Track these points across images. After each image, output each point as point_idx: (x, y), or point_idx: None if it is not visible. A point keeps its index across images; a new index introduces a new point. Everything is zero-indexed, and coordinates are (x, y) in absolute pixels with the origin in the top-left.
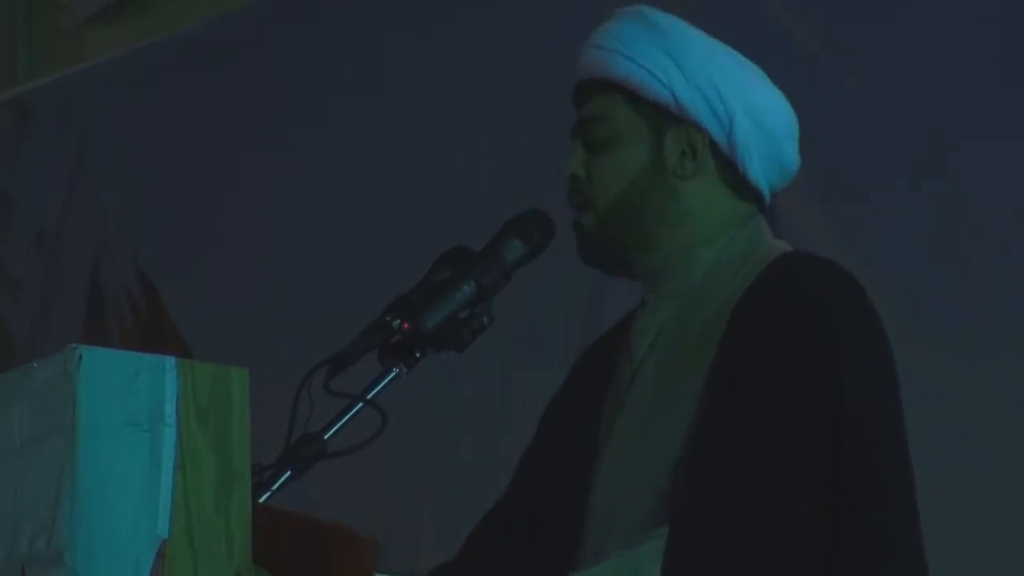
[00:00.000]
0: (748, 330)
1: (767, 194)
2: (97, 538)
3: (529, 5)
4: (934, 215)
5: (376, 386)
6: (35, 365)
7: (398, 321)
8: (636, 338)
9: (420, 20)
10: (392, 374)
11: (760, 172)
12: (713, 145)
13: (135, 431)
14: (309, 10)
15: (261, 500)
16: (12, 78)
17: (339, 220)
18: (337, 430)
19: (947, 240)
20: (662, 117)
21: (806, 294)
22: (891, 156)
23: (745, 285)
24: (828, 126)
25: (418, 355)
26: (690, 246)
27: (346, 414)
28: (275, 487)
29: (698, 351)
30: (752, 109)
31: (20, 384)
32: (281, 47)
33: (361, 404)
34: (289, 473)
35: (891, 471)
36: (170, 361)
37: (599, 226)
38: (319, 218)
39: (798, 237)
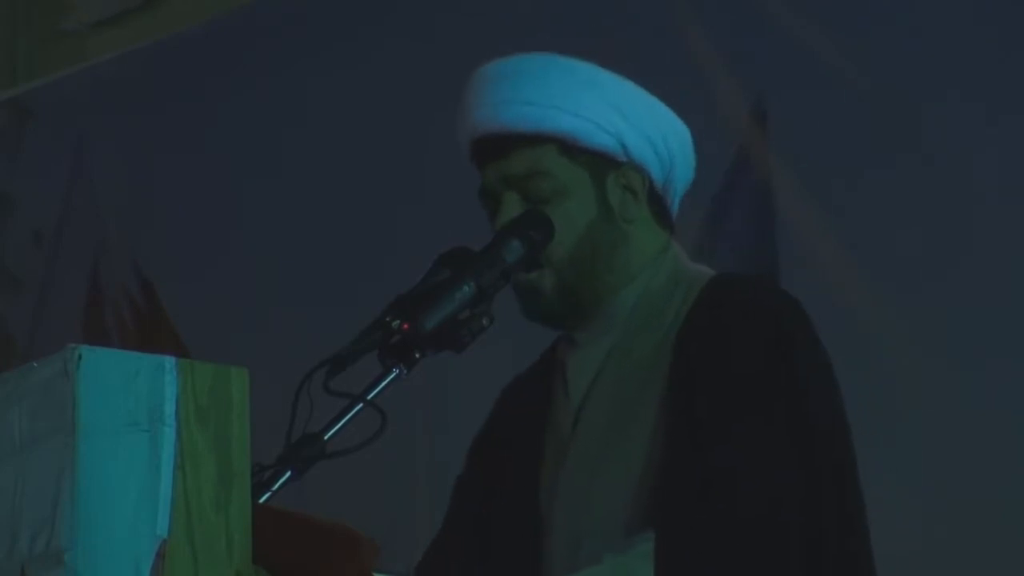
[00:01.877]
0: (701, 352)
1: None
2: (97, 538)
3: (525, 7)
4: (926, 202)
5: (376, 386)
6: (35, 365)
7: (398, 321)
8: (573, 376)
9: (420, 21)
10: (392, 374)
11: (678, 199)
12: (649, 184)
13: (135, 431)
14: (309, 10)
15: (261, 500)
16: (12, 78)
17: (339, 220)
18: (337, 430)
19: (942, 230)
20: (599, 163)
21: (758, 317)
22: (884, 143)
23: (683, 311)
24: (820, 113)
25: (417, 355)
26: (621, 284)
27: (346, 414)
28: (275, 487)
29: (647, 381)
30: (682, 145)
31: (20, 384)
32: (281, 47)
33: (361, 404)
34: (289, 473)
35: (856, 486)
36: (170, 361)
37: (558, 285)
38: (319, 218)
39: (794, 231)
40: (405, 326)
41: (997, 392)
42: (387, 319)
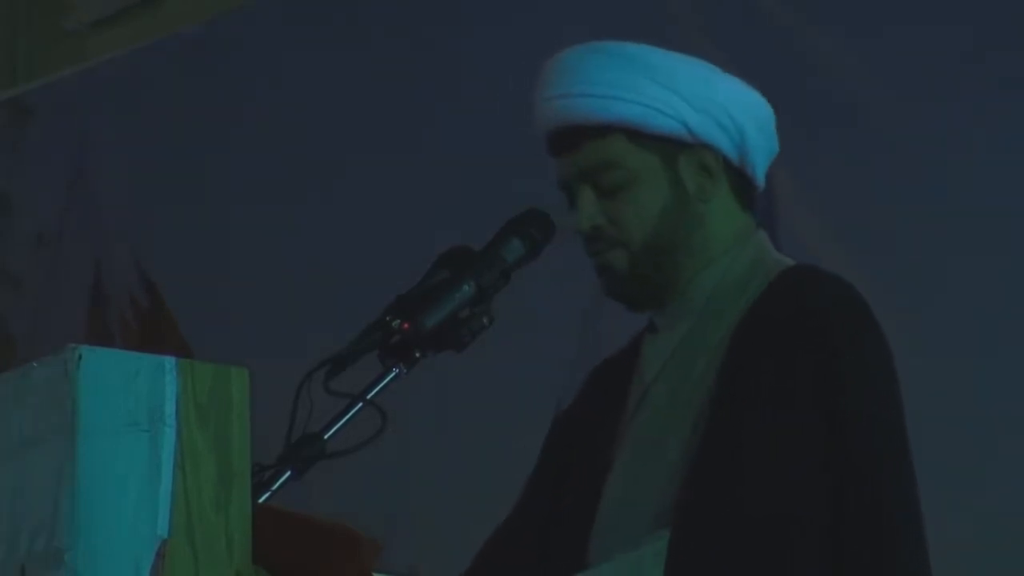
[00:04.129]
0: (752, 350)
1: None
2: (97, 538)
3: (524, 8)
4: (926, 202)
5: (376, 386)
6: (35, 365)
7: (398, 321)
8: (648, 359)
9: (421, 21)
10: (392, 374)
11: (763, 173)
12: (724, 160)
13: (135, 431)
14: (309, 10)
15: (261, 500)
16: (12, 78)
17: (340, 219)
18: (337, 430)
19: (943, 230)
20: (668, 146)
21: (809, 314)
22: (884, 144)
23: (749, 304)
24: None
25: (418, 355)
26: (701, 267)
27: (346, 414)
28: (275, 487)
29: (707, 371)
30: (755, 117)
31: (20, 384)
32: (281, 47)
33: (361, 404)
34: (289, 473)
35: (891, 490)
36: (170, 361)
37: (632, 267)
38: (319, 217)
39: (794, 232)
40: (405, 326)
41: (999, 393)
42: (387, 319)
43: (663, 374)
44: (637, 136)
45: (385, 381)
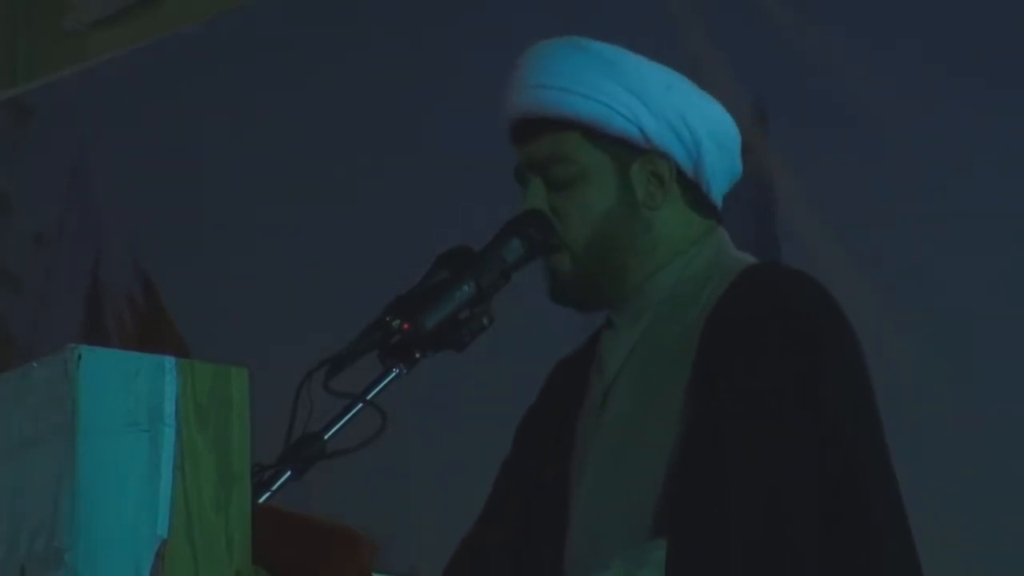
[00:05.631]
0: (725, 346)
1: (720, 204)
2: (97, 538)
3: (523, 6)
4: (927, 202)
5: (376, 386)
6: (35, 365)
7: (398, 321)
8: (607, 358)
9: (420, 21)
10: (392, 374)
11: (719, 189)
12: (677, 170)
13: (135, 431)
14: (309, 10)
15: (261, 500)
16: (12, 78)
17: (339, 219)
18: (337, 430)
19: (943, 230)
20: (624, 150)
21: (795, 316)
22: (884, 143)
23: (713, 300)
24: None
25: (417, 355)
26: (656, 268)
27: (346, 414)
28: (275, 487)
29: (673, 368)
30: (714, 132)
31: (20, 384)
32: (281, 47)
33: (361, 404)
34: (289, 473)
35: (883, 491)
36: (170, 361)
37: (575, 269)
38: (319, 217)
39: (795, 232)
40: (405, 326)
41: (998, 393)
42: (387, 319)
43: (625, 371)
44: (594, 135)
45: (385, 381)
